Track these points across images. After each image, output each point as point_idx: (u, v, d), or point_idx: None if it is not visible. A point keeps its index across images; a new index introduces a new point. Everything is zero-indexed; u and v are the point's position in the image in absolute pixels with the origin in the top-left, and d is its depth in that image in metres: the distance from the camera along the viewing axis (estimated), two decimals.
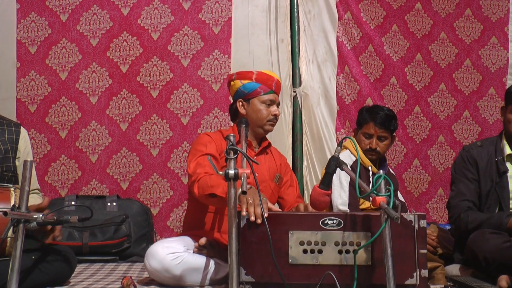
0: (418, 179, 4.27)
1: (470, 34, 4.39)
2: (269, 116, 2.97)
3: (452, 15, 4.37)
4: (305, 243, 2.25)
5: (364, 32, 4.19)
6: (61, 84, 3.93)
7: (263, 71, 3.06)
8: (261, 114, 2.98)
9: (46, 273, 2.52)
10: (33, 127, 3.88)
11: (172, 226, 3.92)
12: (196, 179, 2.69)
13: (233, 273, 1.97)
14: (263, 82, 2.98)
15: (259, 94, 2.99)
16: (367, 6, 4.19)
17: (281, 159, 3.17)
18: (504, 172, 2.93)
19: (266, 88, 2.97)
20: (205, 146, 2.88)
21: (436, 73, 4.35)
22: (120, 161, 3.94)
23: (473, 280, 2.56)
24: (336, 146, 2.41)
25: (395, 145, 4.19)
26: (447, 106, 4.37)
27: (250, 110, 3.00)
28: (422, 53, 4.32)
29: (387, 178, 2.07)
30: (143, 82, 3.97)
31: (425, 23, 4.32)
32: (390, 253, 1.97)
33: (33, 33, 3.91)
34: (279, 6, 4.05)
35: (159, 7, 3.99)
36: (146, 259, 2.63)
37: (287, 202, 3.09)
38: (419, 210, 4.14)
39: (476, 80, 4.41)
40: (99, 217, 3.56)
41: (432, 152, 4.30)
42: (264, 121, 2.98)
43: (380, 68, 4.21)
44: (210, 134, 2.98)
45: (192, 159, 2.84)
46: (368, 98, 4.17)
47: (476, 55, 4.41)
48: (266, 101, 2.98)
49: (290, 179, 3.15)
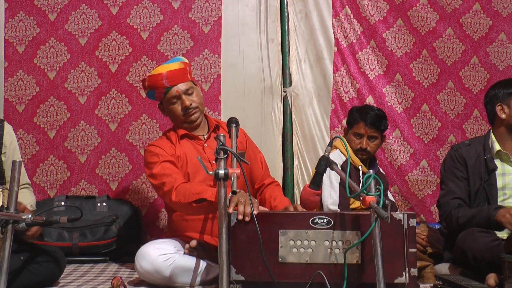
0: (425, 181, 4.13)
1: (478, 30, 4.22)
2: (181, 112, 2.91)
3: (459, 10, 4.20)
4: (295, 242, 2.25)
5: (365, 28, 4.11)
6: (49, 84, 3.90)
7: (152, 73, 2.97)
8: (174, 113, 2.94)
9: (35, 273, 2.51)
10: (21, 127, 3.85)
11: (161, 226, 3.91)
12: (172, 188, 2.65)
13: (223, 272, 1.97)
14: (155, 86, 2.92)
15: (162, 97, 2.95)
16: (368, 1, 4.11)
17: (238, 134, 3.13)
18: (493, 170, 2.95)
19: (160, 89, 2.91)
20: (156, 156, 2.85)
21: (443, 71, 4.19)
22: (109, 162, 3.92)
23: (462, 278, 2.58)
24: (326, 146, 2.42)
25: (400, 145, 4.13)
26: (456, 104, 4.20)
27: (167, 113, 3.02)
28: (427, 49, 4.18)
29: (377, 177, 2.07)
30: (132, 81, 3.95)
31: (430, 18, 4.16)
32: (380, 252, 1.98)
33: (21, 33, 3.88)
34: (269, 5, 4.05)
35: (148, 6, 3.98)
36: (137, 260, 2.62)
37: (256, 177, 3.05)
38: (423, 212, 4.07)
39: (483, 78, 4.24)
40: (89, 217, 3.54)
41: (442, 153, 4.13)
42: (180, 118, 2.94)
43: (384, 64, 4.13)
44: (154, 143, 2.95)
45: (152, 170, 2.80)
46: (369, 96, 4.10)
47: (484, 52, 4.25)
48: (170, 100, 2.92)
49: (253, 153, 3.10)
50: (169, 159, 2.83)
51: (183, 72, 2.95)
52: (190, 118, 2.93)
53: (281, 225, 2.27)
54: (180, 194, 2.61)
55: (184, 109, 2.90)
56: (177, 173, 2.77)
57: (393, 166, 4.09)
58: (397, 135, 4.10)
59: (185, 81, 2.94)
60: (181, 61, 3.01)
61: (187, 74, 2.98)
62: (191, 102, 2.91)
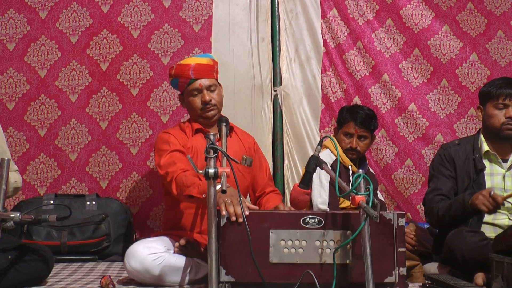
0: (411, 179, 4.11)
1: (475, 27, 4.16)
2: (200, 105, 2.94)
3: (454, 8, 4.15)
4: (285, 242, 2.25)
5: (351, 29, 4.12)
6: (40, 82, 3.88)
7: (181, 62, 3.02)
8: (192, 105, 2.96)
9: (23, 272, 2.49)
10: (11, 125, 3.83)
11: (152, 225, 3.90)
12: (173, 178, 2.67)
13: (212, 272, 1.97)
14: (180, 75, 2.96)
15: (184, 87, 2.98)
16: (357, 1, 4.10)
17: (249, 141, 3.15)
18: (481, 170, 2.97)
19: (185, 79, 2.95)
20: (167, 143, 2.87)
21: (437, 69, 4.15)
22: (99, 160, 3.90)
23: (451, 278, 2.59)
24: (316, 145, 2.42)
25: (386, 144, 4.14)
26: (449, 103, 4.16)
27: (186, 104, 3.03)
28: (420, 48, 4.15)
29: (367, 177, 2.08)
30: (123, 80, 3.94)
31: (425, 16, 4.13)
32: (369, 251, 1.99)
33: (11, 30, 3.86)
34: (260, 5, 4.04)
35: (139, 5, 3.97)
36: (126, 259, 2.61)
37: (258, 185, 3.08)
38: (410, 211, 4.09)
39: (483, 75, 4.16)
40: (78, 216, 3.52)
41: (427, 152, 4.10)
42: (198, 111, 2.96)
43: (370, 65, 4.12)
44: (168, 131, 2.98)
45: (160, 160, 2.81)
46: (356, 96, 4.10)
47: (484, 49, 4.17)
48: (192, 91, 2.95)
49: (259, 161, 3.13)
50: (180, 148, 2.85)
51: (210, 68, 3.00)
52: (206, 114, 2.96)
53: (271, 225, 2.27)
54: (178, 185, 2.63)
55: (203, 103, 2.92)
56: (181, 161, 2.76)
57: (379, 165, 4.10)
58: (383, 134, 4.11)
59: (210, 77, 2.98)
60: (211, 58, 3.07)
61: (214, 71, 3.03)
62: (211, 98, 2.94)
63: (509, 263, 2.26)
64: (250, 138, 3.20)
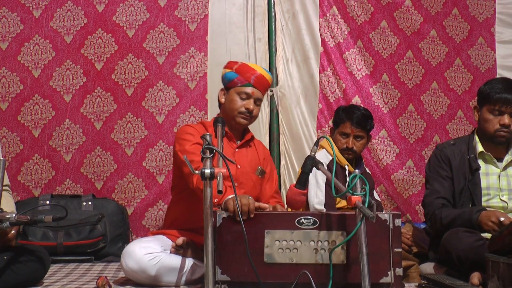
0: (411, 180, 4.15)
1: (459, 33, 4.29)
2: (241, 108, 2.94)
3: (441, 13, 4.26)
4: (280, 242, 2.26)
5: (352, 28, 4.12)
6: (34, 82, 3.86)
7: (247, 63, 3.05)
8: (234, 105, 2.95)
9: (19, 273, 2.48)
10: (5, 126, 3.81)
11: (148, 226, 3.89)
12: None
13: (209, 272, 1.97)
14: (241, 74, 2.96)
15: (236, 85, 2.97)
16: (354, 1, 4.12)
17: (264, 152, 3.17)
18: (477, 170, 2.98)
19: (243, 80, 2.95)
20: (191, 135, 2.87)
21: (428, 71, 4.24)
22: (94, 160, 3.89)
23: (447, 278, 2.60)
24: (312, 146, 2.42)
25: (386, 145, 4.15)
26: (440, 105, 4.24)
27: (226, 100, 3.01)
28: (413, 50, 4.21)
29: (363, 177, 2.08)
30: (118, 80, 3.92)
31: (415, 20, 4.21)
32: (365, 252, 1.98)
33: (4, 29, 3.83)
34: (256, 5, 4.04)
35: (134, 4, 3.95)
36: (123, 259, 2.61)
37: (263, 196, 3.09)
38: (408, 211, 4.09)
39: (467, 79, 4.29)
40: (74, 216, 3.52)
41: (427, 153, 4.15)
42: (235, 112, 2.95)
43: (371, 65, 4.14)
44: (193, 126, 2.97)
45: (185, 145, 2.82)
46: (356, 96, 4.10)
47: (466, 55, 4.30)
48: (241, 93, 2.95)
49: (270, 174, 3.15)
50: (201, 142, 2.84)
51: (267, 85, 3.06)
52: (240, 120, 2.96)
53: (267, 226, 2.27)
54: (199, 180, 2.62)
55: (246, 109, 2.94)
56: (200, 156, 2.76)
57: (379, 165, 4.11)
58: (384, 135, 4.12)
59: (263, 92, 3.04)
60: (271, 77, 3.10)
61: (267, 90, 3.11)
62: (253, 109, 2.96)
63: (505, 263, 2.27)
64: (266, 151, 3.24)
